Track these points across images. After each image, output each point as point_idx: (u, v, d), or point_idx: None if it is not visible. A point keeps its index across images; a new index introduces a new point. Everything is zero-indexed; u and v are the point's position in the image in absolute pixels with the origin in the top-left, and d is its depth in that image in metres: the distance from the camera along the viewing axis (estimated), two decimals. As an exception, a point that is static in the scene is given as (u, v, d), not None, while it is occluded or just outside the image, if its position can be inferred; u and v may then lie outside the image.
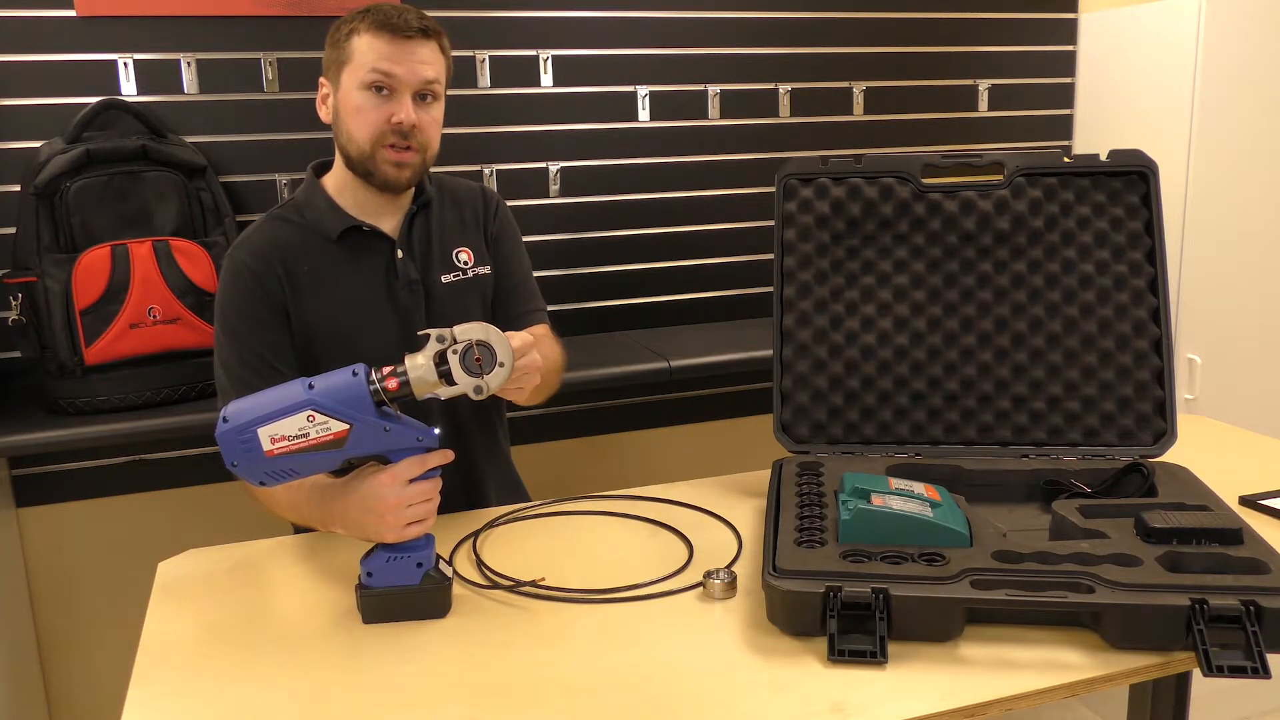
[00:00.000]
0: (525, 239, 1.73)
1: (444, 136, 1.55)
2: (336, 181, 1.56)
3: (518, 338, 1.22)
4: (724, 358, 2.21)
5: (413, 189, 1.57)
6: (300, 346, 1.52)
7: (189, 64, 2.09)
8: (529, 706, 1.00)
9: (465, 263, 1.61)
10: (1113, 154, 1.50)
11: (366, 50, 1.45)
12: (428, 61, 1.47)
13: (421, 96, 1.48)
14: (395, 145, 1.47)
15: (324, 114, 1.54)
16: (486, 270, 1.64)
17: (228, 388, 1.47)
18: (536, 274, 1.73)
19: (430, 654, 1.11)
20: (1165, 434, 1.47)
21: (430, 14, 1.49)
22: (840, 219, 1.53)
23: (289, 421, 1.12)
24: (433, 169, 1.59)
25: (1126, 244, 1.49)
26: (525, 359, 1.24)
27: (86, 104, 1.98)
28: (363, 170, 1.50)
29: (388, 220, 1.57)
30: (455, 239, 1.62)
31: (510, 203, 2.29)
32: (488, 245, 1.66)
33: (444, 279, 1.58)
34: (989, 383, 1.50)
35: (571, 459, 2.51)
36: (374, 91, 1.46)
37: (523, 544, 1.39)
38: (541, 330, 1.63)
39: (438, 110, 1.52)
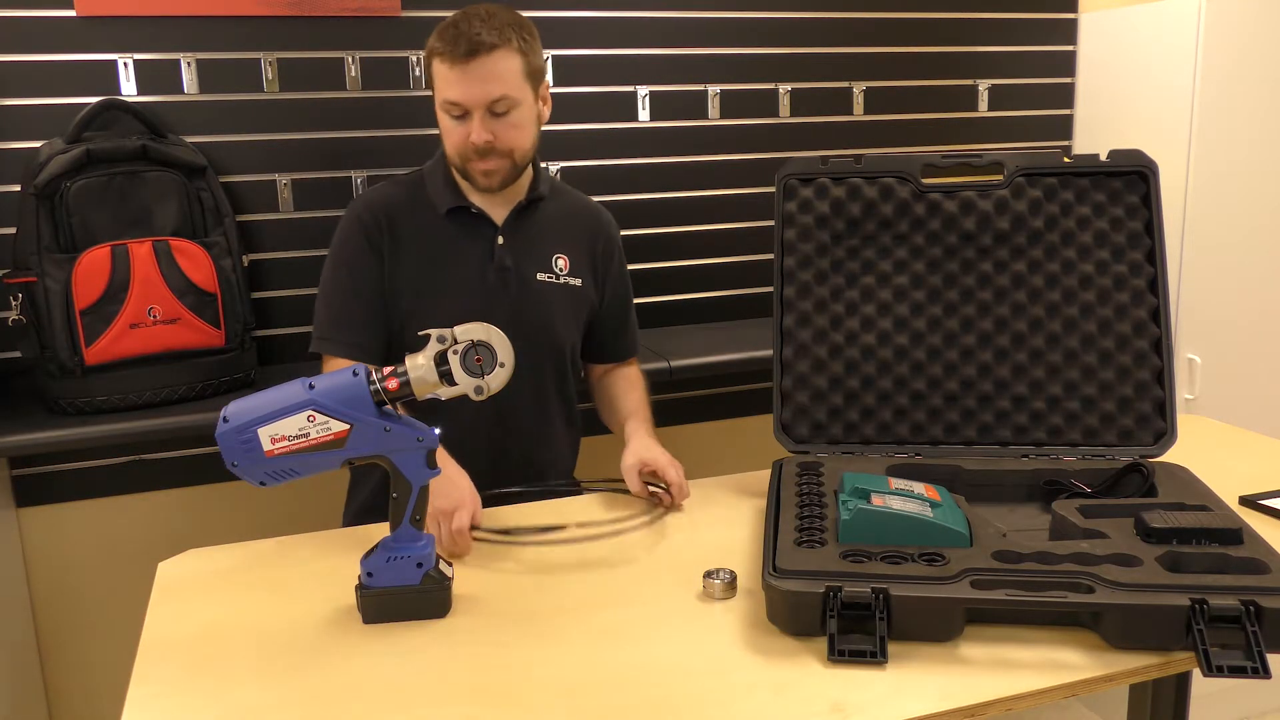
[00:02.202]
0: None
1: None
2: None
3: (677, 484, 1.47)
4: (724, 358, 2.21)
5: (527, 183, 1.64)
6: (387, 299, 1.59)
7: (189, 64, 2.08)
8: (529, 706, 1.00)
9: (561, 269, 1.66)
10: (1113, 154, 1.50)
11: (439, 77, 1.53)
12: (492, 77, 1.50)
13: (494, 109, 1.52)
14: (477, 160, 1.54)
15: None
16: (578, 283, 1.68)
17: (325, 320, 1.61)
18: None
19: (430, 654, 1.11)
20: (1165, 434, 1.47)
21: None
22: (840, 219, 1.53)
23: (289, 421, 1.12)
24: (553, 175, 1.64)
25: (1126, 244, 1.49)
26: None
27: (86, 104, 1.98)
28: (461, 174, 1.60)
29: (498, 208, 1.63)
30: (556, 243, 1.67)
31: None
32: (596, 268, 1.71)
33: (539, 276, 1.64)
34: (989, 383, 1.50)
35: (571, 459, 2.50)
36: (451, 114, 1.53)
37: (523, 545, 1.39)
38: (634, 374, 1.78)
39: (517, 114, 1.54)
